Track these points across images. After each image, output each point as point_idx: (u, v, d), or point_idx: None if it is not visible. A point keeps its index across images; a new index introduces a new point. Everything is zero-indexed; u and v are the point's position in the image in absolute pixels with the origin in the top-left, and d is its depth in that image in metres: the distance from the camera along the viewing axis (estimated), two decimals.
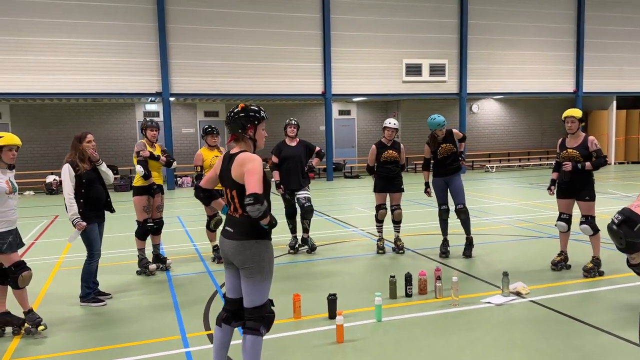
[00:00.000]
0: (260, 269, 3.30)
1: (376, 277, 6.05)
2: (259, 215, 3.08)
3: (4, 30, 14.94)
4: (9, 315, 4.65)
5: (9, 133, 4.57)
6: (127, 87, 16.17)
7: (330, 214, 10.83)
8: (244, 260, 3.28)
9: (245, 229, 3.30)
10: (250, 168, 3.21)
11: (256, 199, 3.05)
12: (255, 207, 3.05)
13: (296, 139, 7.44)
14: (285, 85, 17.73)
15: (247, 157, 3.29)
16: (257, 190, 3.10)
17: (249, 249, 3.28)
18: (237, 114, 3.40)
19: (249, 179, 3.16)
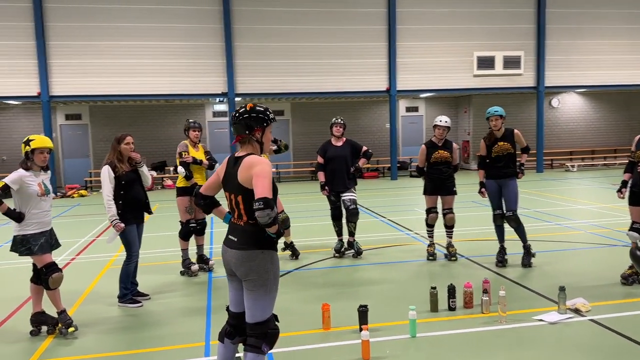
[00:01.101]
0: (263, 281, 3.08)
1: (421, 286, 5.65)
2: (269, 221, 2.87)
3: (83, 36, 15.77)
4: (44, 315, 4.75)
5: (40, 136, 4.65)
6: (196, 89, 16.58)
7: (386, 216, 10.45)
8: (247, 271, 3.08)
9: (249, 238, 3.09)
10: (259, 171, 3.00)
11: (266, 204, 2.85)
12: (265, 212, 2.84)
13: (342, 138, 7.16)
14: (349, 83, 17.45)
15: (255, 160, 3.08)
16: (267, 195, 2.89)
17: (253, 259, 3.07)
18: (243, 115, 3.20)
19: (258, 182, 2.96)
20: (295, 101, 19.81)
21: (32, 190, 4.50)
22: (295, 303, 5.35)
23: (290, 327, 4.67)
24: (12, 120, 18.47)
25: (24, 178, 4.48)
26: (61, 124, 18.77)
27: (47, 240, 4.62)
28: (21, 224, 4.50)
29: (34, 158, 4.55)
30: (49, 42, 15.64)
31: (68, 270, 6.99)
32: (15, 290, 5.98)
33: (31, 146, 4.51)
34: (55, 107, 18.32)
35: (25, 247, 4.51)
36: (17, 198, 4.51)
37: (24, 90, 15.70)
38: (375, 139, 20.81)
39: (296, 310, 5.14)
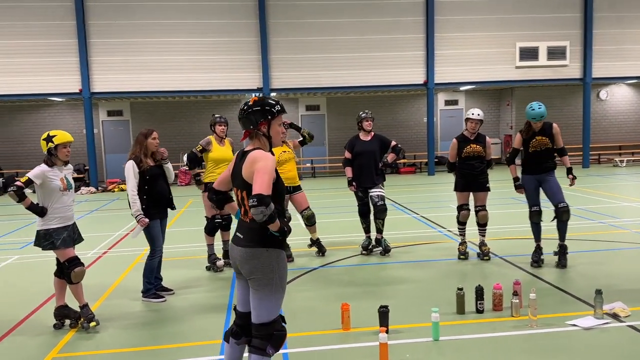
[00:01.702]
0: (268, 280, 2.97)
1: (449, 286, 5.41)
2: (263, 219, 2.75)
3: (123, 33, 16.11)
4: (67, 309, 4.80)
5: (61, 131, 4.67)
6: (231, 84, 16.68)
7: (418, 212, 10.19)
8: (252, 270, 2.98)
9: (254, 236, 2.99)
10: (261, 167, 2.89)
11: (260, 200, 2.73)
12: (259, 209, 2.72)
13: (371, 132, 6.97)
14: (385, 76, 17.16)
15: (258, 156, 2.98)
16: (262, 191, 2.78)
17: (257, 257, 2.97)
18: (249, 109, 3.09)
19: (257, 178, 2.85)
20: (331, 96, 19.66)
21: (55, 185, 4.54)
22: (316, 301, 5.23)
23: (309, 327, 4.58)
24: (56, 116, 19.08)
25: (46, 173, 4.52)
26: (103, 120, 19.27)
27: (69, 234, 4.66)
28: (44, 218, 4.55)
29: (57, 154, 4.58)
30: (90, 40, 16.05)
31: (98, 264, 7.13)
32: (43, 283, 6.09)
33: (54, 142, 4.54)
34: (98, 103, 18.81)
35: (48, 241, 4.56)
36: (40, 193, 4.57)
37: (67, 87, 16.18)
38: (412, 134, 20.46)
39: (317, 308, 5.02)
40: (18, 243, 8.60)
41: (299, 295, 5.42)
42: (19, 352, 4.27)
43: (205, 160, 6.50)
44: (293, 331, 4.45)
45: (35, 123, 18.94)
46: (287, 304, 5.12)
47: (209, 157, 6.43)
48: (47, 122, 19.01)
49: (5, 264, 7.26)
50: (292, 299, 5.30)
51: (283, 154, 6.70)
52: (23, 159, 18.65)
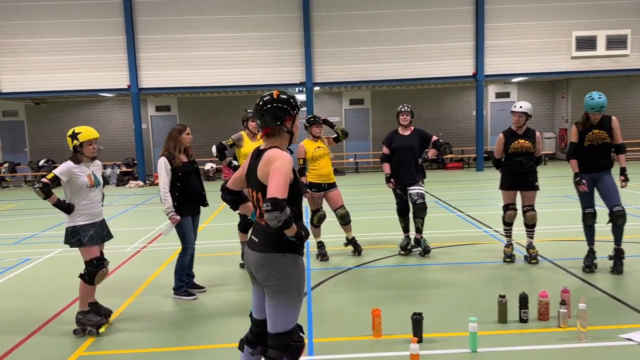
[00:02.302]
0: (284, 288, 2.78)
1: (492, 292, 5.07)
2: (278, 224, 2.57)
3: (170, 29, 16.31)
4: (97, 306, 4.77)
5: (85, 127, 4.61)
6: (274, 79, 16.60)
7: (464, 210, 9.76)
8: (267, 276, 2.80)
9: (270, 240, 2.80)
10: (277, 167, 2.70)
11: (275, 205, 2.54)
12: (273, 214, 2.54)
13: (410, 127, 6.65)
14: (432, 68, 16.64)
15: (275, 155, 2.78)
16: (277, 195, 2.59)
17: (272, 263, 2.78)
18: (272, 103, 2.88)
19: (272, 179, 2.66)
20: (375, 89, 19.28)
21: (82, 182, 4.50)
22: (348, 304, 5.01)
23: (339, 332, 4.37)
24: (107, 112, 19.63)
25: (72, 170, 4.48)
26: (152, 115, 19.67)
27: (96, 231, 4.61)
28: (71, 215, 4.52)
29: (82, 150, 4.53)
30: (138, 36, 16.34)
31: (136, 259, 7.16)
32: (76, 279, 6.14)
33: (79, 140, 4.49)
34: (146, 99, 19.21)
35: (75, 238, 4.52)
36: (67, 190, 4.54)
37: (116, 84, 16.56)
38: (460, 128, 19.83)
39: (348, 312, 4.80)
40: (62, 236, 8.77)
41: (330, 297, 5.21)
42: (47, 348, 4.27)
43: (237, 156, 6.39)
44: (321, 336, 4.27)
45: (88, 118, 19.54)
46: (317, 306, 4.94)
47: (241, 153, 6.32)
48: (99, 117, 19.60)
49: (48, 257, 7.41)
50: (323, 301, 5.10)
51: (317, 149, 6.50)
52: None
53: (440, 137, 19.62)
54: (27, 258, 7.34)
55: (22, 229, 9.36)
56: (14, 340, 4.42)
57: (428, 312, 4.57)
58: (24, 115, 19.51)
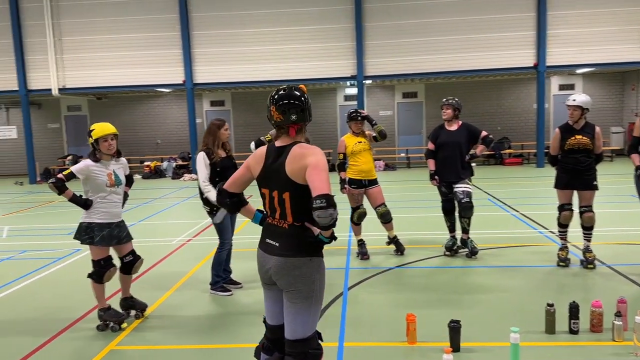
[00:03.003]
0: (309, 293, 2.65)
1: (541, 299, 4.70)
2: (331, 222, 2.45)
3: (223, 25, 16.49)
4: (132, 300, 4.80)
5: (100, 123, 4.45)
6: (325, 72, 16.46)
7: (519, 209, 9.25)
8: (292, 281, 2.66)
9: (295, 244, 2.67)
10: (315, 162, 2.56)
11: (329, 202, 2.41)
12: (328, 211, 2.41)
13: (457, 121, 6.32)
14: (490, 59, 15.95)
15: (307, 150, 2.64)
16: (328, 190, 2.46)
17: (299, 267, 2.64)
18: (307, 100, 2.76)
19: (315, 176, 2.52)
20: (430, 82, 18.74)
21: (101, 180, 4.40)
22: (385, 307, 4.80)
23: (371, 336, 4.18)
24: (165, 106, 20.17)
25: (90, 168, 4.37)
26: (206, 110, 20.03)
27: (110, 232, 4.47)
28: (88, 211, 4.42)
29: (99, 148, 4.41)
30: (193, 32, 16.63)
31: (179, 252, 7.22)
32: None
33: (93, 137, 4.37)
34: (202, 94, 19.58)
35: (88, 235, 4.41)
36: (86, 187, 4.46)
37: (172, 79, 16.93)
38: (520, 121, 18.98)
39: (384, 315, 4.60)
40: None
41: (366, 299, 5.02)
42: (79, 343, 4.30)
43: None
44: (352, 340, 4.10)
45: (146, 113, 20.18)
46: (352, 307, 4.77)
47: None
48: (157, 112, 20.18)
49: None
50: (358, 302, 4.92)
51: (358, 144, 6.30)
52: (135, 147, 19.97)
53: (499, 132, 18.94)
54: (78, 249, 7.57)
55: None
56: (56, 327, 4.52)
57: (469, 319, 4.32)
58: (86, 109, 20.37)
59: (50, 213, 11.17)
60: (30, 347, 4.18)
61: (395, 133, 19.42)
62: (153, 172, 18.36)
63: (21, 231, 9.20)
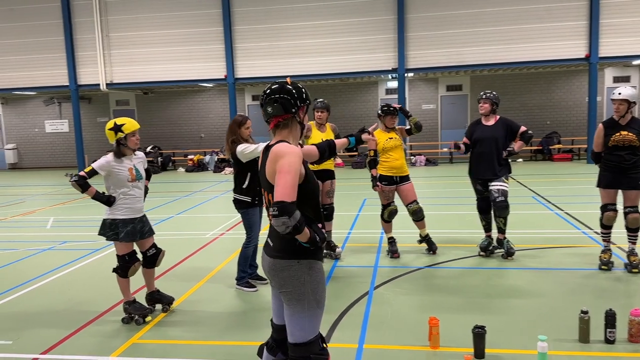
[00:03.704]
0: (299, 297, 2.55)
1: (578, 304, 4.43)
2: (286, 230, 2.34)
3: (264, 19, 16.51)
4: (159, 294, 4.84)
5: (127, 119, 4.48)
6: (367, 65, 16.24)
7: (563, 208, 8.82)
8: (281, 283, 2.59)
9: (284, 245, 2.58)
10: (283, 165, 2.43)
11: (282, 210, 2.31)
12: (280, 220, 2.31)
13: (494, 116, 6.05)
14: (538, 50, 15.30)
15: (281, 150, 2.50)
16: (284, 197, 2.34)
17: (286, 269, 2.56)
18: (287, 91, 2.63)
19: (279, 180, 2.41)
20: (475, 74, 18.19)
21: (122, 176, 4.42)
22: (410, 308, 4.65)
23: (393, 339, 4.05)
24: (208, 101, 20.47)
25: (112, 164, 4.40)
26: (249, 104, 20.20)
27: (134, 228, 4.51)
28: (111, 207, 4.45)
29: (127, 143, 4.44)
30: (235, 27, 16.75)
31: (211, 246, 7.28)
32: None
33: (124, 131, 4.38)
34: (244, 88, 19.74)
35: (113, 231, 4.45)
36: (107, 183, 4.49)
37: (214, 74, 17.14)
38: (570, 115, 18.18)
39: (408, 317, 4.45)
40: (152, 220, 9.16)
41: (392, 299, 4.88)
42: (103, 335, 4.37)
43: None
44: (373, 342, 3.99)
45: (190, 107, 20.55)
46: (376, 308, 4.65)
47: (308, 143, 6.13)
48: (200, 107, 20.52)
49: None
50: (383, 303, 4.79)
51: (389, 140, 6.13)
52: (179, 141, 20.39)
53: (548, 126, 18.21)
54: None
55: None
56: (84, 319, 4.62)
57: (497, 324, 4.14)
58: (134, 104, 20.93)
59: (93, 205, 11.49)
60: (56, 338, 4.28)
61: (438, 127, 19.00)
62: (196, 165, 18.70)
63: (65, 222, 9.53)
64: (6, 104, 21.66)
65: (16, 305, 5.15)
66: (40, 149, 21.74)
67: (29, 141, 21.76)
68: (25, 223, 9.56)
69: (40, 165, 21.65)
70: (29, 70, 17.84)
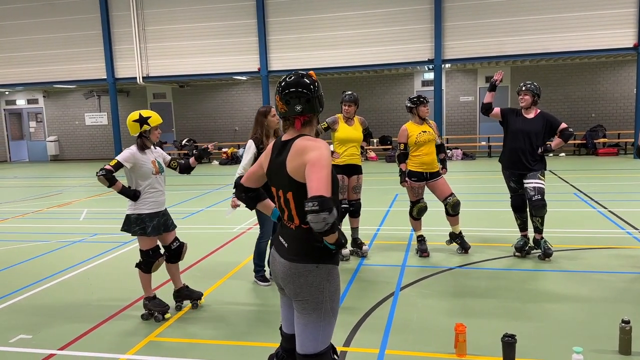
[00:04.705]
0: (316, 305, 2.38)
1: (619, 312, 4.12)
2: (325, 228, 2.12)
3: (298, 11, 16.34)
4: (188, 290, 4.76)
5: (152, 112, 4.45)
6: (402, 57, 15.88)
7: (607, 206, 8.35)
8: (297, 290, 2.41)
9: (302, 247, 2.41)
10: (316, 159, 2.25)
11: (322, 205, 2.09)
12: (321, 216, 2.09)
13: (535, 109, 5.71)
14: (582, 40, 14.61)
15: (310, 144, 2.34)
16: (323, 192, 2.14)
17: (304, 275, 2.38)
18: (318, 87, 2.47)
19: (313, 174, 2.21)
20: (516, 65, 17.54)
21: (147, 168, 4.39)
22: (437, 312, 4.42)
23: (417, 345, 3.84)
24: (242, 94, 20.49)
25: (136, 156, 4.36)
26: None
27: (159, 221, 4.46)
28: (136, 202, 4.41)
29: (150, 136, 4.40)
30: (268, 19, 16.65)
31: (237, 241, 7.19)
32: None
33: (150, 124, 4.35)
34: (278, 81, 19.62)
35: (139, 226, 4.40)
36: (131, 177, 4.44)
37: (248, 67, 17.12)
38: (617, 108, 17.35)
39: (435, 321, 4.23)
40: (182, 213, 9.23)
41: (418, 302, 4.66)
42: (122, 332, 4.32)
43: (332, 140, 6.04)
44: (395, 347, 3.80)
45: (225, 100, 20.63)
46: (401, 310, 4.44)
47: (335, 137, 5.96)
48: (234, 99, 20.57)
49: None
50: (409, 305, 4.57)
51: (422, 134, 5.87)
52: (215, 133, 20.51)
53: (592, 119, 17.45)
54: None
55: None
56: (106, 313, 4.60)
57: (530, 332, 3.89)
58: (170, 97, 21.17)
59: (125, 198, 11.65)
60: (75, 333, 4.25)
61: (476, 120, 18.47)
62: (230, 158, 18.76)
63: (97, 214, 9.66)
64: (48, 97, 22.28)
65: (41, 298, 5.18)
66: (80, 141, 22.29)
67: (70, 133, 22.34)
68: (60, 214, 9.74)
69: (80, 157, 22.20)
70: (68, 63, 18.25)
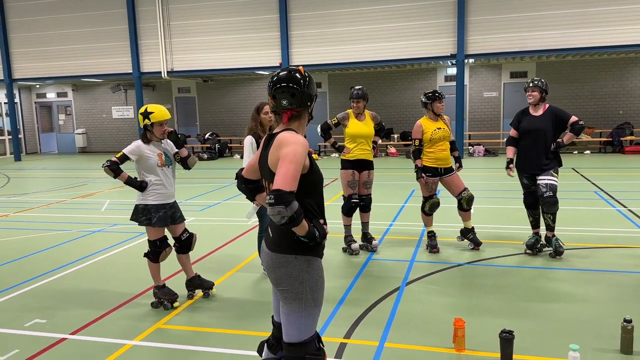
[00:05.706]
0: (296, 295, 2.45)
1: (626, 312, 4.09)
2: (281, 221, 2.22)
3: (320, 5, 16.35)
4: (200, 279, 4.88)
5: (158, 106, 4.51)
6: (424, 51, 15.73)
7: (627, 204, 8.18)
8: (278, 279, 2.50)
9: (283, 239, 2.48)
10: (287, 153, 2.33)
11: (278, 198, 2.20)
12: (276, 209, 2.20)
13: (543, 105, 5.65)
14: (606, 35, 14.23)
15: (287, 138, 2.41)
16: (283, 186, 2.24)
17: (284, 266, 2.46)
18: (307, 81, 2.53)
19: (280, 168, 2.31)
20: (542, 60, 17.22)
21: (152, 162, 4.48)
22: (441, 307, 4.44)
23: (417, 339, 3.87)
24: (264, 89, 20.57)
25: (142, 149, 4.47)
26: None
27: (165, 213, 4.56)
28: (144, 193, 4.52)
29: (153, 131, 4.48)
30: (290, 14, 16.70)
31: (250, 234, 7.29)
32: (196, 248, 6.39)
33: (151, 120, 4.43)
34: None
35: (145, 217, 4.51)
36: (138, 169, 4.55)
37: (269, 61, 17.18)
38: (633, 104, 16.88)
39: (437, 316, 4.25)
40: (200, 205, 9.40)
41: (423, 297, 4.68)
42: (131, 319, 4.45)
43: (344, 135, 6.08)
44: (395, 341, 3.83)
45: (247, 95, 20.79)
46: (404, 305, 4.48)
47: (346, 132, 6.00)
48: (257, 94, 20.71)
49: None
50: (413, 300, 4.60)
51: (437, 130, 5.87)
52: (237, 128, 20.70)
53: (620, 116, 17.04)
54: None
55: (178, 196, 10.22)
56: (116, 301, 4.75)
57: (532, 329, 3.90)
58: (195, 91, 21.44)
59: None
60: (87, 319, 4.41)
61: (500, 116, 18.21)
62: None
63: (119, 205, 9.90)
64: (76, 91, 22.81)
65: (58, 284, 5.38)
66: (108, 134, 22.77)
67: (97, 126, 22.84)
68: (84, 205, 10.01)
69: (107, 149, 22.68)
70: (95, 58, 18.65)
